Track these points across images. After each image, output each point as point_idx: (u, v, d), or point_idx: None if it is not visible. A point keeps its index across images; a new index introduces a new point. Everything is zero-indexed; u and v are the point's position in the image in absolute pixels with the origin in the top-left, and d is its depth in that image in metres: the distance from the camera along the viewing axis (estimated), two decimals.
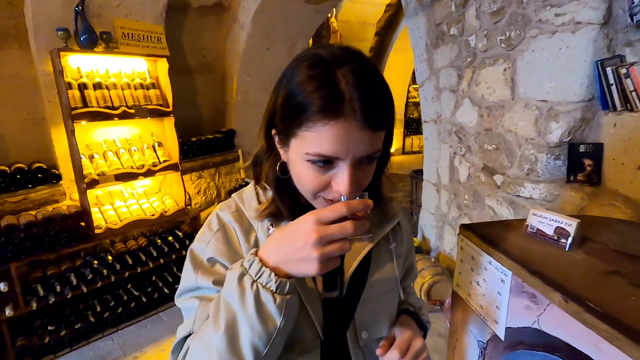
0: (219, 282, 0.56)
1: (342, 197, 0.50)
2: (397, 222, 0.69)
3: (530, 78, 1.78)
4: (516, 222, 0.89)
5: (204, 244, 0.60)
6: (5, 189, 2.37)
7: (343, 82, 0.47)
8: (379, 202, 0.66)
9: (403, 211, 0.74)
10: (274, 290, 0.46)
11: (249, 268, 0.47)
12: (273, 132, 0.57)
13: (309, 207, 0.58)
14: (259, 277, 0.46)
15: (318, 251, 0.44)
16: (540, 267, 0.66)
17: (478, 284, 0.79)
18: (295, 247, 0.45)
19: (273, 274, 0.46)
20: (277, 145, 0.57)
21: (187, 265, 0.61)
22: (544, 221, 0.75)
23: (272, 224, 0.60)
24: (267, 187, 0.61)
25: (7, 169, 2.40)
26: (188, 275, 0.60)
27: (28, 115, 2.57)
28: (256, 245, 0.60)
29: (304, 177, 0.53)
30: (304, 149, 0.50)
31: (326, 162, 0.50)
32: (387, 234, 0.67)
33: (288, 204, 0.59)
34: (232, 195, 0.66)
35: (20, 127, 2.56)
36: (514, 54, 1.85)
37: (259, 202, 0.62)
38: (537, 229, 0.76)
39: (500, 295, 0.71)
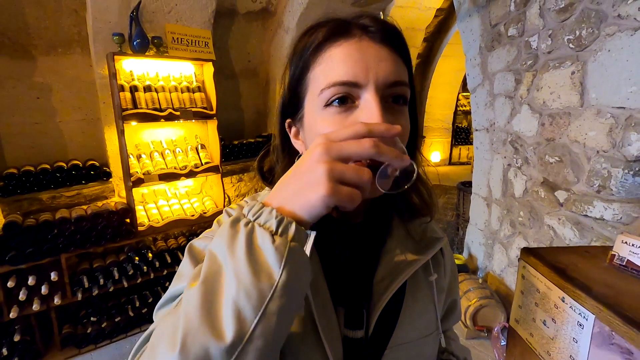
0: None
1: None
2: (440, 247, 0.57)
3: (604, 82, 1.56)
4: (596, 249, 0.72)
5: (207, 240, 0.49)
6: (62, 183, 2.54)
7: (350, 18, 0.47)
8: (415, 193, 0.55)
9: (444, 231, 0.62)
10: (273, 231, 0.34)
11: (248, 212, 0.36)
12: (287, 122, 0.51)
13: (328, 216, 0.48)
14: (256, 217, 0.35)
15: (324, 164, 0.33)
16: (638, 313, 0.51)
17: (545, 324, 0.65)
18: (300, 173, 0.35)
19: (275, 211, 0.35)
20: (293, 139, 0.51)
21: (185, 262, 0.46)
22: (639, 252, 0.59)
23: None
24: None
25: (64, 165, 2.57)
26: (184, 273, 0.45)
27: (86, 116, 2.75)
28: None
29: (324, 132, 0.43)
30: (319, 88, 0.44)
31: (346, 99, 0.43)
32: (426, 262, 0.55)
33: None
34: (245, 198, 0.57)
35: (78, 126, 2.74)
36: (584, 55, 1.65)
37: None
38: (628, 260, 0.60)
39: (577, 344, 0.56)
